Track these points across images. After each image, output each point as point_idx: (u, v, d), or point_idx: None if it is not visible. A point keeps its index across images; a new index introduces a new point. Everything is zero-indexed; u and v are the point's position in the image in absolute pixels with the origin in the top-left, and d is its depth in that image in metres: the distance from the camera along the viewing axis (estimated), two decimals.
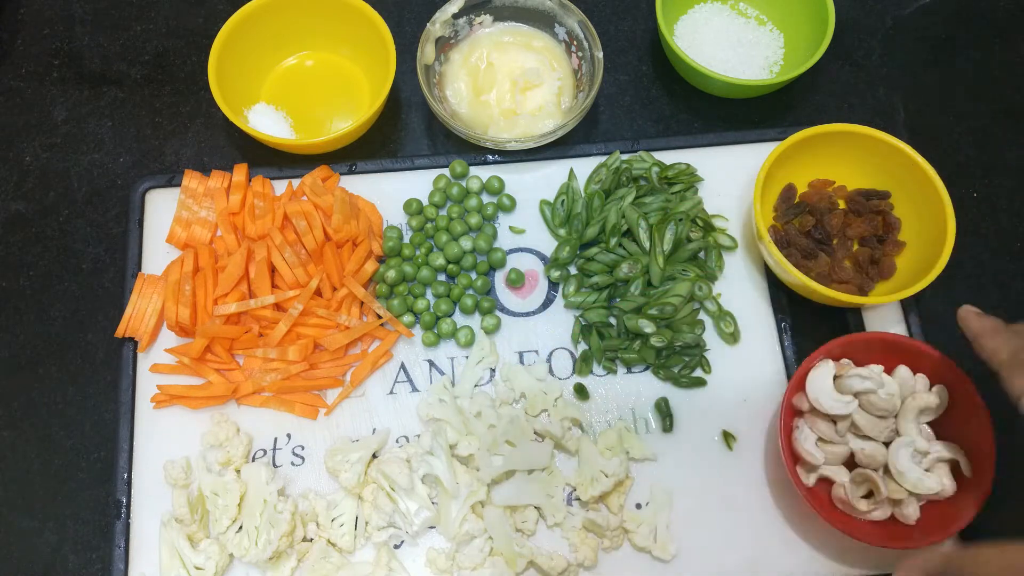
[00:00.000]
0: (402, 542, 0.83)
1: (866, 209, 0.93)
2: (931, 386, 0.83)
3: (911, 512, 0.79)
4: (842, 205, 0.95)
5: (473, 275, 0.92)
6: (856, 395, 0.81)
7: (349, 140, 0.96)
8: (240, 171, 0.94)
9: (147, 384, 0.88)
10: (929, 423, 0.83)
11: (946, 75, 1.05)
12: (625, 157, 0.96)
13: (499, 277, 0.94)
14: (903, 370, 0.83)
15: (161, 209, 0.95)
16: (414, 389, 0.89)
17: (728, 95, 1.01)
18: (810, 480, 0.81)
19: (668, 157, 0.97)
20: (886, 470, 0.80)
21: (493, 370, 0.90)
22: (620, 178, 0.95)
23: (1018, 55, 1.06)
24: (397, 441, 0.87)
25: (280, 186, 0.96)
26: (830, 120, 0.92)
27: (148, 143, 1.01)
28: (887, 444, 0.81)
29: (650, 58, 1.06)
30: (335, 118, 1.00)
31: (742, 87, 0.97)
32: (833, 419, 0.81)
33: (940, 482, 0.79)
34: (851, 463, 0.82)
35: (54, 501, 0.86)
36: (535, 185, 0.97)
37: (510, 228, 0.96)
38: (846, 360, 0.83)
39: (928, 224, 0.89)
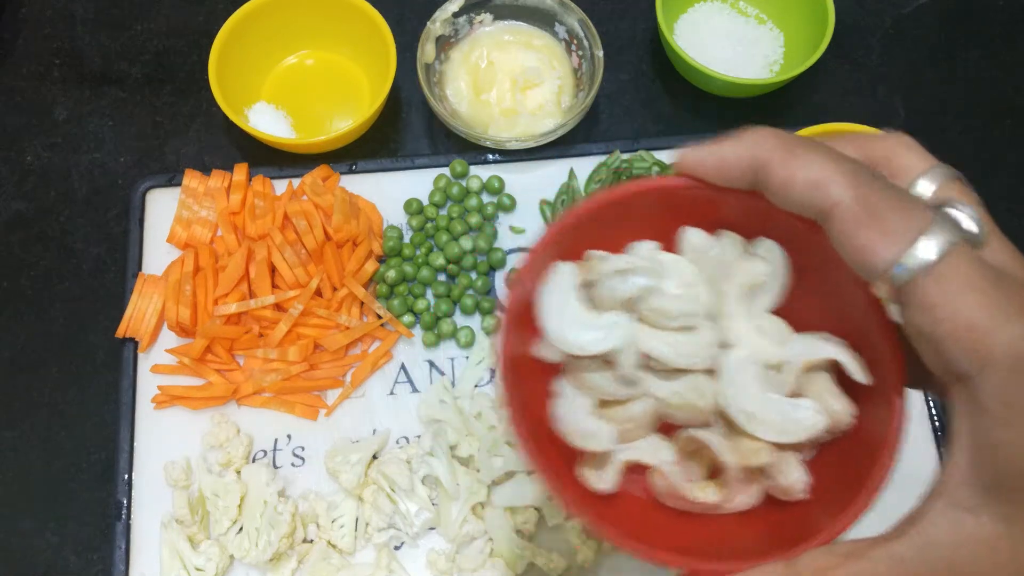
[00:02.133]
0: (402, 543, 0.84)
1: None
2: (750, 245, 0.46)
3: (794, 478, 0.45)
4: None
5: (473, 275, 0.92)
6: (627, 304, 0.45)
7: (349, 139, 0.96)
8: (240, 171, 0.94)
9: (147, 384, 0.88)
10: (777, 313, 0.46)
11: (946, 75, 1.05)
12: (625, 156, 0.96)
13: (499, 277, 0.94)
14: (692, 235, 0.46)
15: (161, 209, 0.95)
16: (414, 390, 0.89)
17: (728, 94, 1.01)
18: (608, 480, 0.46)
19: (669, 156, 0.97)
20: (726, 420, 0.46)
21: (493, 371, 0.90)
22: (620, 178, 0.95)
23: (1018, 55, 1.05)
24: (397, 442, 0.87)
25: (280, 186, 0.96)
26: (830, 120, 0.92)
27: (148, 143, 1.01)
28: (712, 374, 0.46)
29: (650, 57, 1.06)
30: (335, 117, 1.00)
31: (742, 86, 0.97)
32: (605, 360, 0.46)
33: (823, 408, 0.44)
34: (671, 428, 0.48)
35: (54, 502, 0.87)
36: (535, 185, 0.97)
37: (510, 228, 0.96)
38: (598, 252, 0.47)
39: None
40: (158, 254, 0.93)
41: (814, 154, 0.37)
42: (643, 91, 1.04)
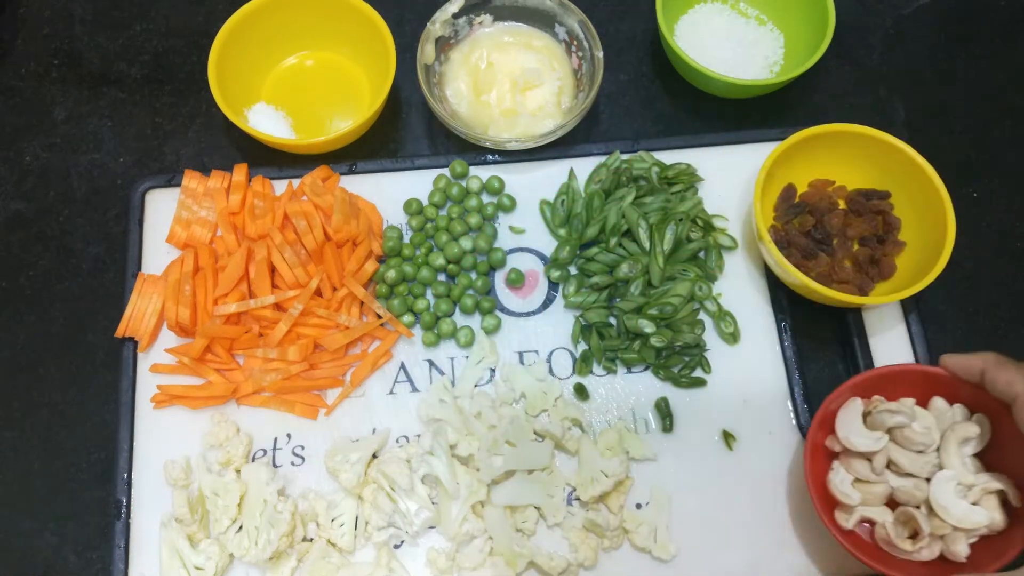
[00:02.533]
0: (402, 542, 0.83)
1: (866, 209, 0.93)
2: (971, 415, 0.79)
3: (960, 549, 0.75)
4: (842, 205, 0.94)
5: (473, 275, 0.92)
6: (889, 431, 0.78)
7: (349, 140, 0.96)
8: (240, 171, 0.94)
9: (147, 384, 0.88)
10: (975, 455, 0.78)
11: (946, 75, 1.05)
12: (625, 157, 0.96)
13: (499, 277, 0.94)
14: (938, 401, 0.80)
15: (161, 209, 0.95)
16: (414, 389, 0.89)
17: (728, 95, 1.01)
18: (849, 523, 0.78)
19: (668, 157, 0.97)
20: (929, 507, 0.76)
21: (493, 370, 0.90)
22: (620, 178, 0.95)
23: (1018, 55, 1.06)
24: (397, 441, 0.87)
25: (280, 186, 0.96)
26: (830, 120, 0.92)
27: (148, 143, 1.01)
28: (930, 480, 0.78)
29: (650, 58, 1.06)
30: (335, 118, 1.00)
31: (742, 87, 0.97)
32: (868, 457, 0.78)
33: (989, 515, 0.75)
34: (894, 504, 0.79)
35: (54, 501, 0.87)
36: (535, 185, 0.97)
37: (510, 228, 0.95)
38: (877, 397, 0.80)
39: (928, 224, 0.89)
40: (157, 254, 0.93)
41: (1010, 367, 0.71)
42: (643, 92, 1.04)
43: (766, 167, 0.88)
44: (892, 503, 0.79)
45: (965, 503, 0.75)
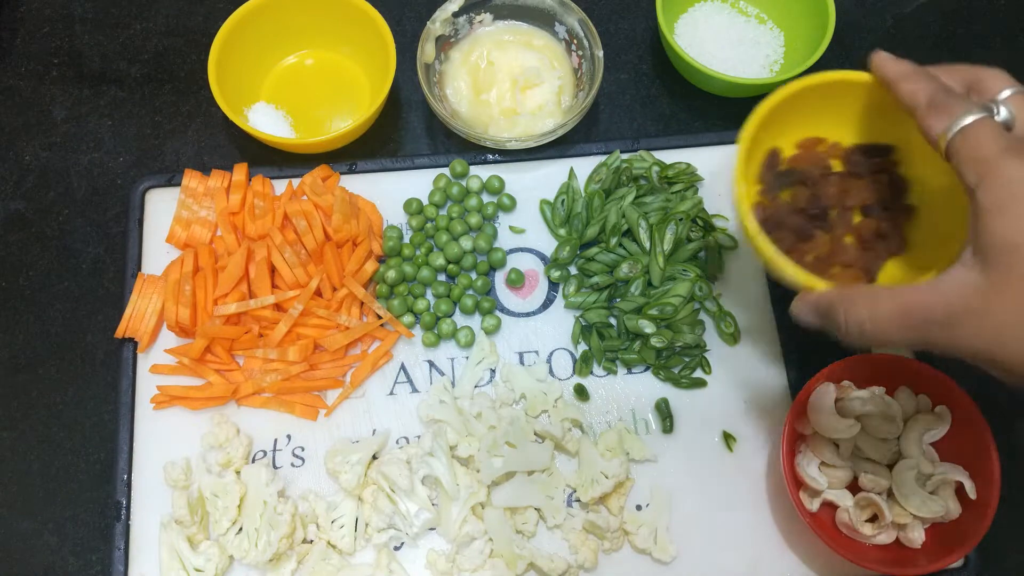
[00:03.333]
0: (402, 544, 0.83)
1: (867, 169, 0.78)
2: (933, 407, 0.82)
3: (916, 536, 0.78)
4: (838, 167, 0.79)
5: (473, 275, 0.92)
6: (858, 418, 0.80)
7: (349, 139, 0.96)
8: (240, 170, 0.94)
9: (147, 385, 0.88)
10: (933, 444, 0.82)
11: None
12: (625, 156, 0.96)
13: (499, 277, 0.94)
14: (905, 391, 0.82)
15: (161, 209, 0.95)
16: (414, 390, 0.89)
17: (728, 94, 1.01)
18: (814, 505, 0.80)
19: (668, 156, 0.97)
20: (890, 493, 0.80)
21: (493, 371, 0.89)
22: (620, 178, 0.95)
23: (1018, 55, 1.05)
24: (397, 442, 0.87)
25: (280, 186, 0.96)
26: None
27: (148, 142, 1.01)
28: (891, 467, 0.81)
29: (650, 57, 1.06)
30: (335, 117, 1.00)
31: (742, 86, 0.96)
32: (835, 443, 0.81)
33: (945, 505, 0.78)
34: (855, 487, 0.81)
35: (53, 503, 0.86)
36: (535, 185, 0.97)
37: (510, 228, 0.95)
38: (847, 382, 0.82)
39: (943, 181, 0.73)
40: (157, 254, 0.93)
41: (919, 76, 0.64)
42: (643, 91, 1.04)
43: (748, 133, 0.73)
44: (853, 488, 0.82)
45: (924, 492, 0.79)
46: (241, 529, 0.81)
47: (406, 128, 1.02)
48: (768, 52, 1.03)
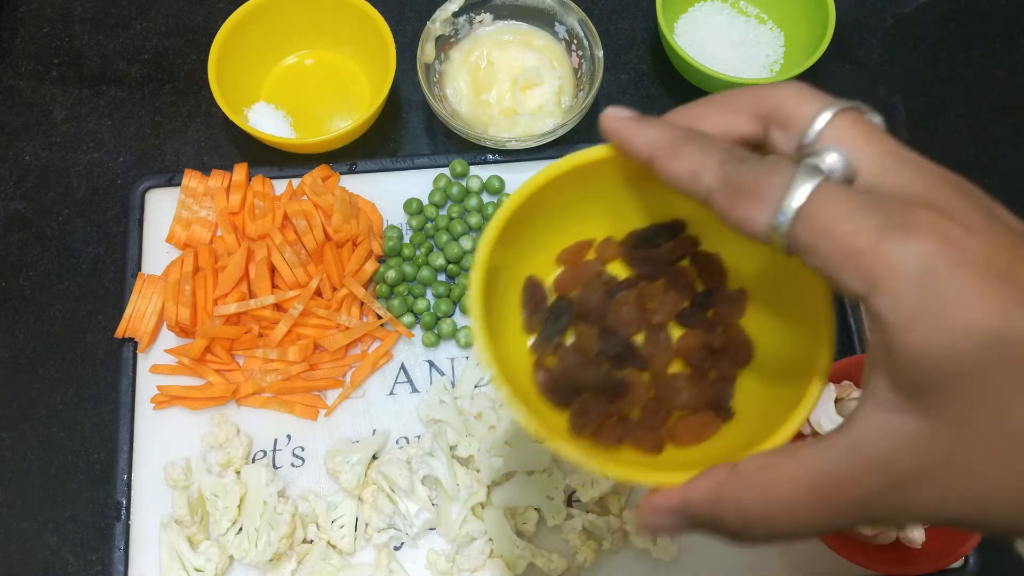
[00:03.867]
0: (402, 544, 0.83)
1: (661, 262, 0.53)
2: None
3: (916, 536, 0.78)
4: (621, 274, 0.54)
5: None
6: None
7: (349, 139, 0.96)
8: (240, 170, 0.94)
9: (147, 385, 0.88)
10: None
11: (947, 74, 1.05)
12: None
13: None
14: None
15: (161, 209, 0.95)
16: (414, 390, 0.89)
17: None
18: None
19: None
20: None
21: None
22: None
23: (1018, 55, 1.05)
24: (397, 442, 0.87)
25: (280, 186, 0.96)
26: None
27: (148, 142, 1.01)
28: None
29: (650, 57, 1.06)
30: (335, 117, 1.00)
31: (743, 86, 0.96)
32: None
33: None
34: None
35: (53, 503, 0.86)
36: None
37: None
38: (847, 382, 0.81)
39: (760, 249, 0.42)
40: (157, 254, 0.93)
41: (689, 147, 0.42)
42: (643, 91, 1.04)
43: (479, 277, 0.47)
44: None
45: None
46: (241, 529, 0.81)
47: (406, 128, 1.02)
48: (768, 52, 1.03)
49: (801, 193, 0.37)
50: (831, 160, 0.39)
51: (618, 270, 0.54)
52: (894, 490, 0.38)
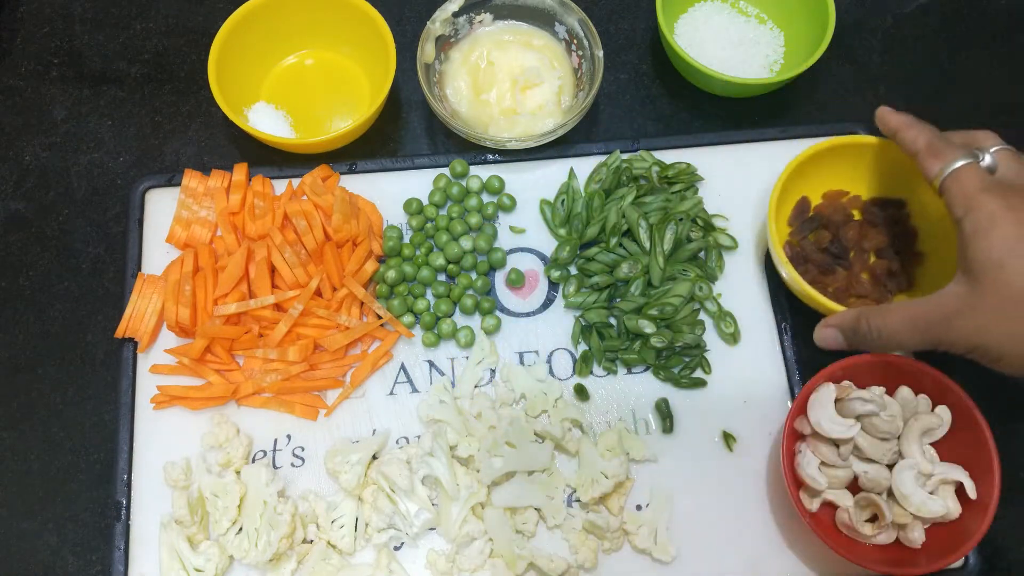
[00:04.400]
0: (402, 544, 0.83)
1: (882, 220, 0.92)
2: (933, 407, 0.82)
3: (916, 536, 0.78)
4: (857, 216, 0.93)
5: (473, 275, 0.92)
6: (858, 418, 0.80)
7: (349, 139, 0.96)
8: (240, 170, 0.94)
9: (147, 385, 0.88)
10: (932, 444, 0.81)
11: (946, 75, 1.05)
12: (625, 156, 0.96)
13: (499, 277, 0.94)
14: (905, 391, 0.82)
15: (161, 209, 0.95)
16: (414, 390, 0.89)
17: (728, 94, 1.01)
18: (813, 505, 0.80)
19: (668, 156, 0.97)
20: (890, 493, 0.79)
21: (493, 371, 0.89)
22: (620, 177, 0.95)
23: (1019, 55, 1.05)
24: (397, 442, 0.87)
25: (280, 186, 0.96)
26: (830, 119, 0.92)
27: (148, 142, 1.01)
28: (890, 467, 0.80)
29: (650, 57, 1.06)
30: (335, 117, 1.00)
31: (742, 86, 0.96)
32: (836, 443, 0.80)
33: (945, 505, 0.77)
34: (854, 486, 0.81)
35: (53, 503, 0.86)
36: (535, 185, 0.97)
37: (510, 228, 0.95)
38: (847, 382, 0.82)
39: (944, 232, 0.87)
40: (157, 254, 0.93)
41: (917, 127, 0.79)
42: (643, 91, 1.04)
43: (779, 184, 0.87)
44: (853, 487, 0.81)
45: (923, 492, 0.79)
46: (241, 529, 0.81)
47: (406, 128, 1.02)
48: (768, 52, 1.03)
49: (960, 162, 0.74)
50: (988, 156, 0.76)
51: (856, 214, 0.94)
52: (944, 321, 0.71)
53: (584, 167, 0.97)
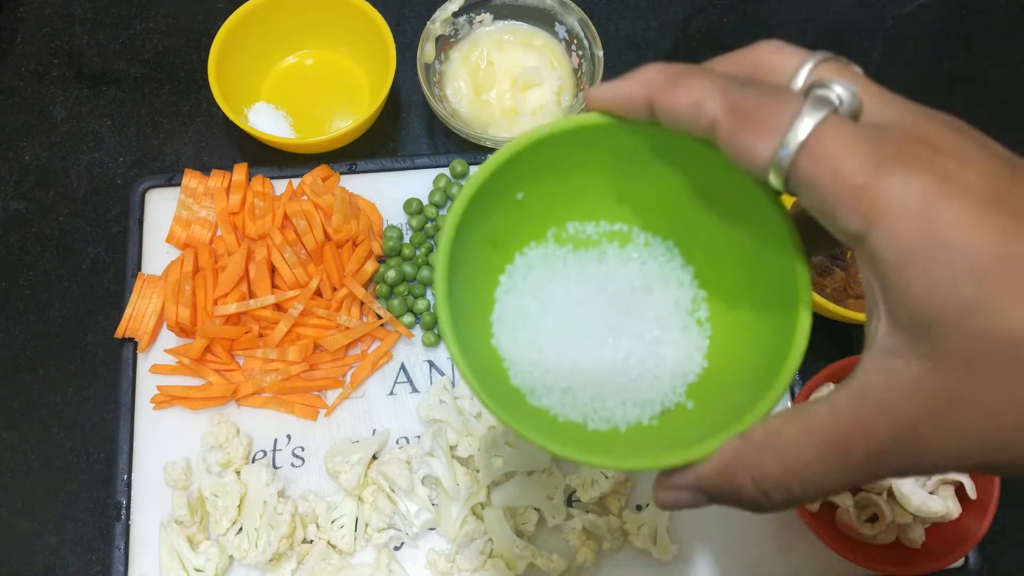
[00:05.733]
0: (402, 544, 0.83)
1: None
2: None
3: (916, 536, 0.78)
4: None
5: None
6: None
7: (349, 139, 0.96)
8: (240, 170, 0.94)
9: (147, 385, 0.88)
10: None
11: (946, 75, 1.05)
12: None
13: None
14: None
15: (161, 209, 0.95)
16: (414, 390, 0.89)
17: None
18: (814, 505, 0.80)
19: None
20: (890, 493, 0.80)
21: None
22: None
23: (1019, 55, 1.05)
24: (397, 442, 0.87)
25: (280, 186, 0.96)
26: None
27: (148, 142, 1.01)
28: None
29: (650, 57, 1.06)
30: (335, 117, 1.00)
31: None
32: None
33: (945, 505, 0.77)
34: (855, 488, 0.81)
35: (53, 503, 0.86)
36: None
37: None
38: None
39: None
40: (157, 254, 0.93)
41: (690, 78, 0.40)
42: None
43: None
44: (853, 488, 0.80)
45: (923, 492, 0.78)
46: (241, 529, 0.81)
47: (406, 128, 1.02)
48: None
49: (807, 124, 0.36)
50: (839, 91, 0.38)
51: None
52: (907, 437, 0.36)
53: None
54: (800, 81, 0.40)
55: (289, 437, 0.87)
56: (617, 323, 0.50)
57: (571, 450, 0.44)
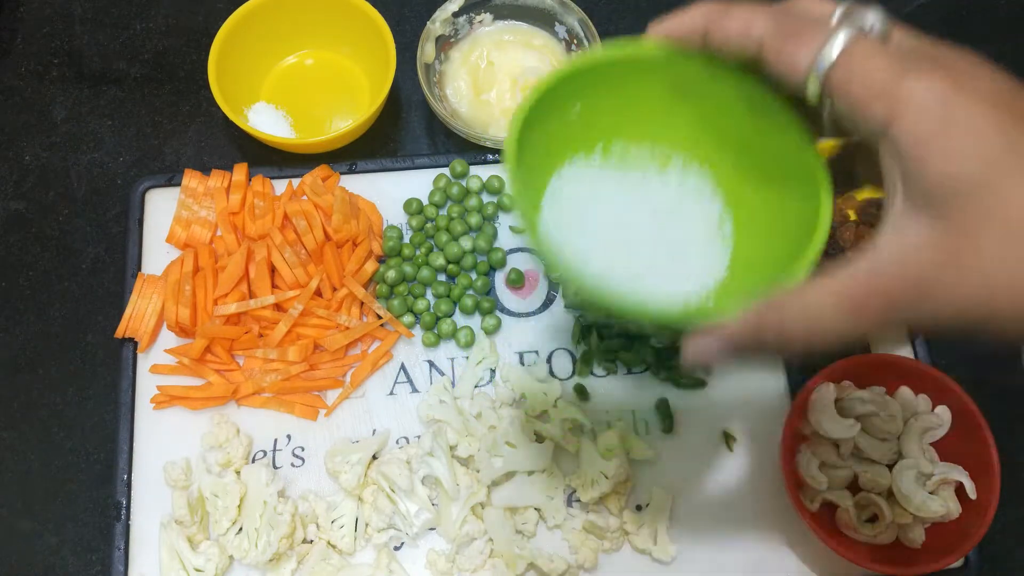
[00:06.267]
0: (402, 544, 0.83)
1: (878, 219, 0.89)
2: (933, 407, 0.82)
3: (916, 536, 0.78)
4: (852, 216, 0.92)
5: (473, 275, 0.92)
6: (858, 418, 0.80)
7: (349, 139, 0.96)
8: (240, 170, 0.94)
9: (147, 385, 0.88)
10: (933, 444, 0.82)
11: None
12: None
13: (499, 277, 0.94)
14: (905, 391, 0.82)
15: (161, 209, 0.95)
16: (414, 390, 0.89)
17: None
18: (814, 505, 0.79)
19: None
20: (890, 493, 0.79)
21: (493, 371, 0.89)
22: None
23: (1019, 55, 1.05)
24: (397, 442, 0.87)
25: (280, 186, 0.96)
26: None
27: (148, 142, 1.01)
28: (890, 467, 0.80)
29: None
30: (335, 117, 1.00)
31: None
32: (835, 443, 0.80)
33: (945, 505, 0.77)
34: (854, 486, 0.81)
35: (53, 503, 0.86)
36: None
37: (510, 228, 0.95)
38: (847, 382, 0.82)
39: None
40: (157, 254, 0.93)
41: (740, 9, 0.48)
42: None
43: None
44: (853, 487, 0.81)
45: (923, 492, 0.78)
46: (241, 529, 0.81)
47: (406, 128, 1.02)
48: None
49: (841, 39, 0.44)
50: (871, 19, 0.46)
51: (851, 215, 0.90)
52: (913, 290, 0.43)
53: None
54: (835, 21, 0.46)
55: (289, 437, 0.87)
56: (652, 229, 0.57)
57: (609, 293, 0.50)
